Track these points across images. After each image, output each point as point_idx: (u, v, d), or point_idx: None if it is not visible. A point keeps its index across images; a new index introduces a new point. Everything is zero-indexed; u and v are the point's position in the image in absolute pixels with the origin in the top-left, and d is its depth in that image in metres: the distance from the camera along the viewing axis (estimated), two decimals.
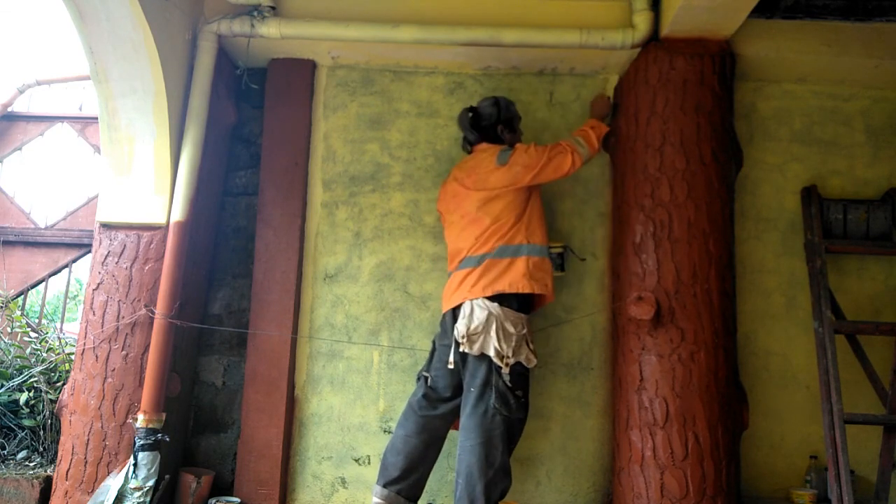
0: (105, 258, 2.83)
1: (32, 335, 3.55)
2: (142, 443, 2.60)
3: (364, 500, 2.95)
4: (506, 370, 2.48)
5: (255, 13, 2.95)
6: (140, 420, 2.62)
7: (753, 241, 3.10)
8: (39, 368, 3.26)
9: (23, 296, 3.83)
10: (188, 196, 2.82)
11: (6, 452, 3.12)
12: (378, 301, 3.10)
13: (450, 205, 2.79)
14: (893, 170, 3.15)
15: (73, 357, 2.88)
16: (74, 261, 3.88)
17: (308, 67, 3.23)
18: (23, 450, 3.14)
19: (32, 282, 3.85)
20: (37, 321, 3.88)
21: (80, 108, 4.08)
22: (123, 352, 2.73)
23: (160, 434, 2.64)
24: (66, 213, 3.93)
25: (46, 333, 3.64)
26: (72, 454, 2.68)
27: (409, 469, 2.60)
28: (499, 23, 2.95)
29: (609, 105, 3.02)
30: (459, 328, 2.54)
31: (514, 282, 2.55)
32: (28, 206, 3.97)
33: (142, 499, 2.56)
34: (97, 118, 2.88)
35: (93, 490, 2.61)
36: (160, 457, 2.64)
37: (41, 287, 3.93)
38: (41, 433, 3.16)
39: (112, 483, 2.59)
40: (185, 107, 2.89)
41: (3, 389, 3.24)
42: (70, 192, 3.96)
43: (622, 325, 2.82)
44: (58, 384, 3.24)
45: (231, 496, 2.88)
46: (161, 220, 2.82)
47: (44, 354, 3.38)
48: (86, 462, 2.66)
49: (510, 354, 2.49)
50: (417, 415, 2.65)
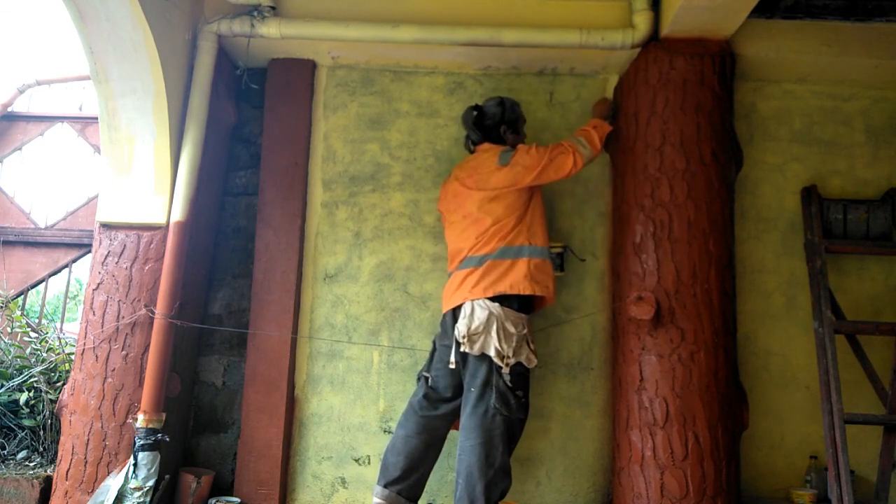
0: (105, 258, 2.83)
1: (32, 335, 3.55)
2: (142, 443, 2.60)
3: (364, 500, 2.95)
4: (506, 370, 2.48)
5: (255, 13, 2.95)
6: (140, 420, 2.62)
7: (753, 241, 3.10)
8: (39, 368, 3.26)
9: (23, 296, 3.83)
10: (188, 196, 2.82)
11: (6, 452, 3.12)
12: (378, 301, 3.10)
13: (451, 205, 2.79)
14: (893, 170, 3.15)
15: (73, 357, 2.89)
16: (74, 261, 3.88)
17: (308, 67, 3.23)
18: (23, 450, 3.14)
19: (32, 282, 3.85)
20: (37, 321, 3.88)
21: (80, 108, 4.08)
22: (123, 352, 2.73)
23: (160, 434, 2.64)
24: (66, 213, 3.93)
25: (46, 333, 3.64)
26: (72, 454, 2.68)
27: (410, 469, 2.60)
28: (499, 23, 2.95)
29: (610, 107, 3.02)
30: (460, 328, 2.53)
31: (516, 283, 2.54)
32: (28, 206, 3.97)
33: (142, 499, 2.56)
34: (97, 118, 2.89)
35: (93, 490, 2.61)
36: (160, 457, 2.64)
37: (41, 287, 3.93)
38: (41, 433, 3.16)
39: (112, 483, 2.59)
40: (185, 107, 2.89)
41: (3, 389, 3.24)
42: (70, 192, 3.96)
43: (622, 325, 2.82)
44: (58, 384, 3.24)
45: (231, 496, 2.88)
46: (161, 220, 2.82)
47: (44, 354, 3.38)
48: (86, 462, 2.66)
49: (511, 354, 2.49)
50: (418, 415, 2.65)
